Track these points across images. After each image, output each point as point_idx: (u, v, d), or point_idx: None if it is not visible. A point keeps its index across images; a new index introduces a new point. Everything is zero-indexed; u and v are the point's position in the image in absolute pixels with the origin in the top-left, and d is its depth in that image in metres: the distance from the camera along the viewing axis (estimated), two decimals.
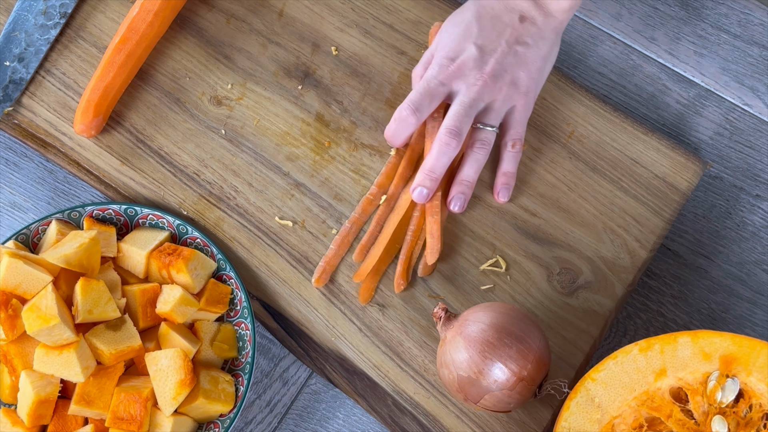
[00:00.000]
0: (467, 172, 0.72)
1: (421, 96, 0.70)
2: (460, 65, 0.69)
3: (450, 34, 0.71)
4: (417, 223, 0.73)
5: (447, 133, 0.69)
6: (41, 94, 0.77)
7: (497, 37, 0.69)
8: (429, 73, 0.70)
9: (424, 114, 0.71)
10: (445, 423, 0.70)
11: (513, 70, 0.70)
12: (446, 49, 0.70)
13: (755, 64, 0.81)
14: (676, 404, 0.63)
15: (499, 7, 0.70)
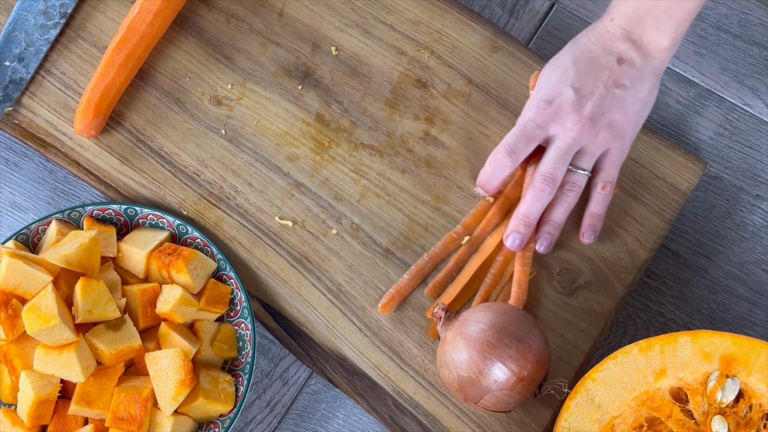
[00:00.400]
0: (556, 213, 0.71)
1: (518, 138, 0.69)
2: (557, 108, 0.68)
3: (547, 78, 0.70)
4: (499, 267, 0.72)
5: (542, 180, 0.68)
6: (41, 94, 0.77)
7: (595, 80, 0.68)
8: (525, 116, 0.69)
9: (520, 157, 0.69)
10: (445, 423, 0.70)
11: (610, 114, 0.68)
12: (543, 92, 0.69)
13: (755, 64, 0.81)
14: (676, 404, 0.63)
15: (596, 49, 0.69)
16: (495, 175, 0.70)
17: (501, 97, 0.77)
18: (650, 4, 0.67)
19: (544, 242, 0.71)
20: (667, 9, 0.67)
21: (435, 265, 0.73)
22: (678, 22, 0.67)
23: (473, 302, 0.71)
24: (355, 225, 0.74)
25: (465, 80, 0.78)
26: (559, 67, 0.70)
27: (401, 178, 0.75)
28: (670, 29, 0.68)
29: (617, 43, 0.69)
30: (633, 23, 0.68)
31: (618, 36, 0.69)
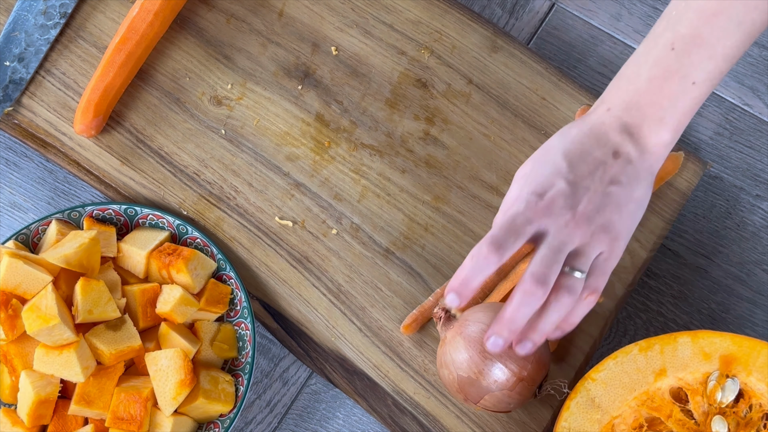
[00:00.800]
0: (546, 321, 0.59)
1: (506, 233, 0.58)
2: (550, 202, 0.59)
3: (536, 170, 0.61)
4: None
5: (533, 281, 0.58)
6: (41, 94, 0.77)
7: (590, 173, 0.60)
8: (514, 209, 0.59)
9: (507, 254, 0.58)
10: (445, 423, 0.70)
11: (606, 213, 0.60)
12: (533, 184, 0.60)
13: (755, 64, 0.81)
14: (676, 404, 0.63)
15: (589, 141, 0.61)
16: (476, 273, 0.58)
17: (501, 97, 0.77)
18: (652, 92, 0.60)
19: (525, 347, 0.60)
20: (671, 97, 0.59)
21: None
22: (682, 112, 0.60)
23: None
24: (355, 225, 0.74)
25: (465, 80, 0.78)
26: (548, 159, 0.61)
27: (401, 178, 0.75)
28: (673, 121, 0.60)
29: (613, 135, 0.60)
30: (632, 113, 0.60)
31: (614, 127, 0.61)
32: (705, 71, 0.59)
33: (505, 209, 0.61)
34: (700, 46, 0.58)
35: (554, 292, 0.59)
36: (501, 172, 0.75)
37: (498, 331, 0.59)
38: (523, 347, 0.60)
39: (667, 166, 0.74)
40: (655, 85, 0.60)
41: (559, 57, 0.82)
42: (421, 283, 0.73)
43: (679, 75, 0.59)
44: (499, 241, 0.58)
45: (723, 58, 0.58)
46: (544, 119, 0.76)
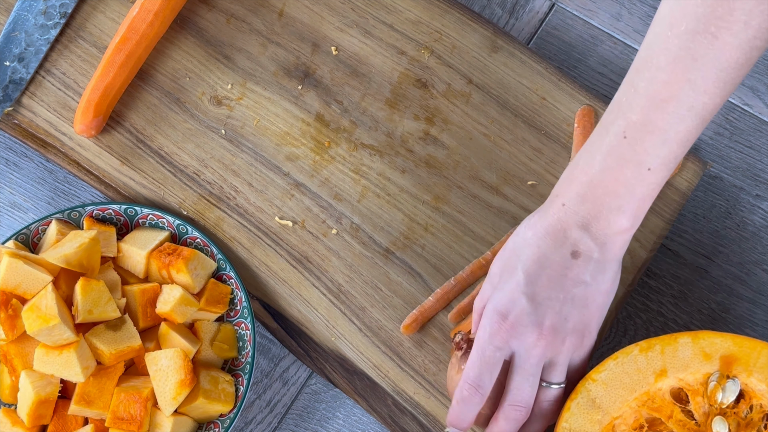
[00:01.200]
0: (531, 428, 0.63)
1: (480, 370, 0.60)
2: (514, 323, 0.59)
3: (501, 282, 0.61)
4: None
5: (513, 409, 0.61)
6: (41, 94, 0.77)
7: (550, 284, 0.59)
8: (482, 338, 0.60)
9: (487, 388, 0.60)
10: (445, 423, 0.70)
11: (573, 318, 0.60)
12: (496, 303, 0.60)
13: (755, 64, 0.81)
14: (676, 405, 0.63)
15: (546, 245, 0.59)
16: (466, 413, 0.61)
17: (501, 97, 0.77)
18: (607, 182, 0.58)
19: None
20: (627, 185, 0.57)
21: (461, 289, 0.72)
22: (640, 198, 0.58)
23: None
24: (355, 225, 0.74)
25: (465, 80, 0.78)
26: (510, 269, 0.60)
27: (401, 178, 0.75)
28: (631, 207, 0.58)
29: (571, 232, 0.59)
30: (588, 205, 0.58)
31: (571, 224, 0.59)
32: (659, 157, 0.57)
33: (476, 340, 0.61)
34: (653, 133, 0.56)
35: (537, 406, 0.62)
36: (501, 172, 0.75)
37: (448, 420, 0.63)
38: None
39: None
40: (610, 175, 0.58)
41: (559, 57, 0.82)
42: (421, 283, 0.73)
43: (634, 163, 0.57)
44: (477, 382, 0.60)
45: (677, 143, 0.56)
46: (544, 119, 0.76)
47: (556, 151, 0.76)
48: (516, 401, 0.60)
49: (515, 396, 0.60)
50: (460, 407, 0.61)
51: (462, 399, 0.61)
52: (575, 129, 0.76)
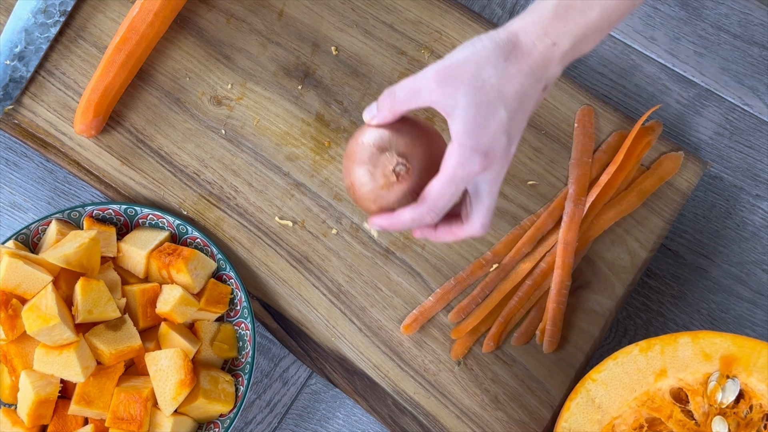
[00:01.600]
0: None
1: (450, 201, 0.60)
2: (491, 160, 0.59)
3: (484, 125, 0.59)
4: (526, 291, 0.72)
5: (483, 229, 0.61)
6: (41, 94, 0.77)
7: (524, 116, 0.60)
8: (458, 175, 0.59)
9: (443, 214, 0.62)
10: (445, 423, 0.70)
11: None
12: (475, 141, 0.59)
13: (755, 64, 0.81)
14: (676, 405, 0.63)
15: (528, 82, 0.59)
16: (412, 228, 0.62)
17: None
18: (597, 19, 0.59)
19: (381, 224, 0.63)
20: (610, 18, 0.59)
21: (461, 289, 0.73)
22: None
23: (495, 324, 0.71)
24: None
25: None
26: (492, 110, 0.59)
27: None
28: (601, 37, 0.60)
29: (552, 69, 0.59)
30: (579, 44, 0.59)
31: (556, 62, 0.59)
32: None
33: (452, 165, 0.59)
34: None
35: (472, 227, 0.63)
36: None
37: (383, 226, 0.62)
38: (376, 223, 0.62)
39: (667, 166, 0.74)
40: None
41: None
42: (421, 283, 0.73)
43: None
44: (441, 208, 0.60)
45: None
46: (544, 119, 0.76)
47: (556, 151, 0.76)
48: (486, 224, 0.61)
49: (484, 220, 0.61)
50: (413, 224, 0.61)
51: (419, 219, 0.61)
52: (575, 129, 0.76)
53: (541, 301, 0.72)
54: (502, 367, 0.71)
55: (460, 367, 0.71)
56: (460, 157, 0.59)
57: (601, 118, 0.76)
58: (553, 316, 0.71)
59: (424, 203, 0.60)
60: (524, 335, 0.72)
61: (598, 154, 0.75)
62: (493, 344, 0.71)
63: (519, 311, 0.72)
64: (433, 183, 0.60)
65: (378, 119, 0.61)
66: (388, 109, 0.61)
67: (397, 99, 0.60)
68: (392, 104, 0.60)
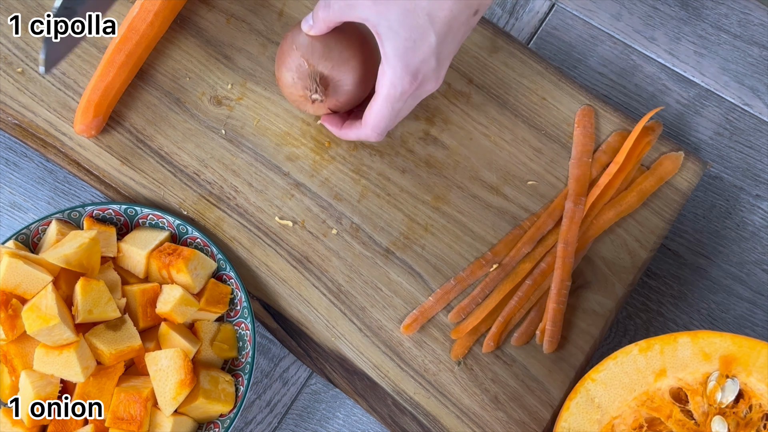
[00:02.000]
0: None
1: (389, 122, 0.66)
2: (422, 81, 0.64)
3: (414, 48, 0.62)
4: (526, 291, 0.72)
5: (373, 132, 0.68)
6: (41, 94, 0.77)
7: (452, 40, 0.63)
8: (392, 95, 0.64)
9: None
10: (445, 423, 0.70)
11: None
12: (406, 62, 0.62)
13: (755, 64, 0.81)
14: (676, 404, 0.63)
15: (457, 6, 0.61)
16: (352, 138, 0.71)
17: (501, 97, 0.77)
18: None
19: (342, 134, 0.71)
20: None
21: (461, 289, 0.73)
22: None
23: (495, 324, 0.71)
24: (355, 225, 0.74)
25: (465, 80, 0.78)
26: (418, 32, 0.61)
27: (401, 178, 0.75)
28: None
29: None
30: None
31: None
32: None
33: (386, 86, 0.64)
34: None
35: None
36: (501, 172, 0.75)
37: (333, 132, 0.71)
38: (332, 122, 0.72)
39: (667, 166, 0.74)
40: None
41: (559, 57, 0.82)
42: (421, 283, 0.73)
43: None
44: (383, 128, 0.66)
45: None
46: (544, 119, 0.76)
47: (556, 151, 0.76)
48: (398, 122, 0.67)
49: (397, 121, 0.67)
50: (358, 140, 0.70)
51: (364, 137, 0.68)
52: (575, 129, 0.76)
53: (541, 301, 0.72)
54: (502, 367, 0.71)
55: (460, 367, 0.71)
56: (392, 77, 0.63)
57: (601, 118, 0.76)
58: (553, 316, 0.71)
59: (367, 126, 0.66)
60: (524, 335, 0.72)
61: (598, 154, 0.75)
62: (493, 344, 0.71)
63: (519, 311, 0.72)
64: (372, 107, 0.65)
65: (314, 30, 0.65)
66: (323, 20, 0.64)
67: (331, 11, 0.63)
68: (326, 15, 0.64)
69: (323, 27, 0.65)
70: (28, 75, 0.77)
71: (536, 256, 0.73)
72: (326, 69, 0.67)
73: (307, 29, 0.66)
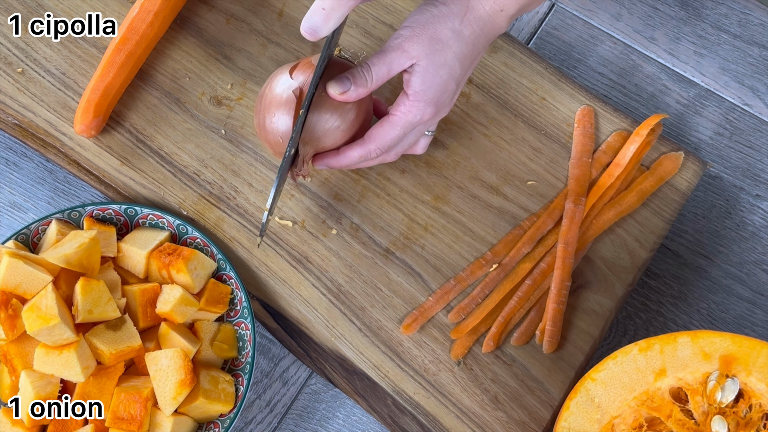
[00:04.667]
0: (388, 158, 0.70)
1: (396, 141, 0.66)
2: (440, 108, 0.66)
3: (436, 75, 0.64)
4: (526, 291, 0.72)
5: (397, 154, 0.68)
6: (41, 94, 0.77)
7: (470, 66, 0.66)
8: (409, 121, 0.65)
9: None
10: (445, 423, 0.70)
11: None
12: (433, 92, 0.64)
13: (755, 64, 0.81)
14: (675, 404, 0.63)
15: (480, 42, 0.65)
16: (360, 165, 0.68)
17: (501, 97, 0.77)
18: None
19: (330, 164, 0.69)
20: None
21: (461, 289, 0.73)
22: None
23: (495, 324, 0.71)
24: (355, 225, 0.74)
25: None
26: (446, 62, 0.64)
27: (401, 178, 0.75)
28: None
29: (499, 29, 0.66)
30: (524, 8, 0.66)
31: (503, 22, 0.65)
32: None
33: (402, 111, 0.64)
34: None
35: (413, 149, 0.71)
36: (501, 172, 0.75)
37: (331, 165, 0.68)
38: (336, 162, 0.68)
39: (667, 166, 0.74)
40: None
41: (559, 57, 0.82)
42: (421, 283, 0.73)
43: None
44: (388, 147, 0.66)
45: None
46: (544, 119, 0.76)
47: (556, 151, 0.76)
48: (401, 151, 0.68)
49: (403, 149, 0.68)
50: (360, 161, 0.67)
51: (366, 156, 0.66)
52: (575, 129, 0.76)
53: (541, 301, 0.72)
54: (502, 367, 0.71)
55: (460, 367, 0.71)
56: (412, 106, 0.64)
57: (601, 118, 0.76)
58: (553, 316, 0.71)
59: (372, 142, 0.65)
60: (524, 335, 0.72)
61: (597, 154, 0.75)
62: (493, 344, 0.71)
63: (519, 311, 0.72)
64: (382, 124, 0.65)
65: (355, 95, 0.63)
66: (364, 89, 0.64)
67: (375, 77, 0.63)
68: (370, 81, 0.64)
69: (363, 93, 0.64)
70: (28, 75, 0.77)
71: (536, 256, 0.73)
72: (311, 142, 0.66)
73: (340, 94, 0.63)
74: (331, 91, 0.63)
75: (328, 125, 0.65)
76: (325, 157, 0.67)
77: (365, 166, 0.70)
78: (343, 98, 0.63)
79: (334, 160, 0.67)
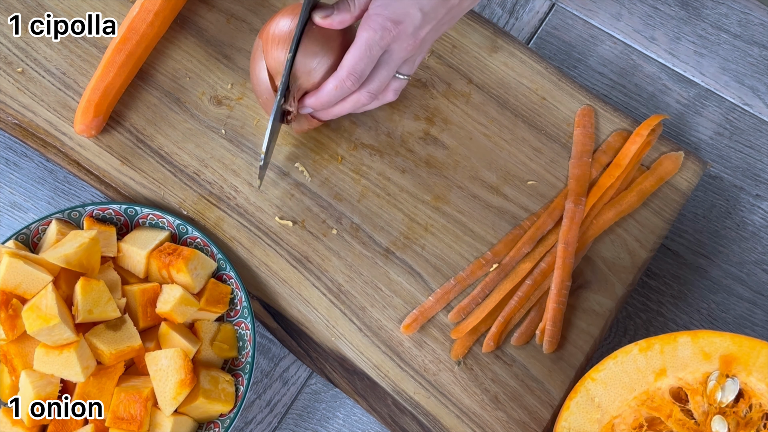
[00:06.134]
0: (368, 108, 0.72)
1: (365, 63, 0.66)
2: (402, 30, 0.65)
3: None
4: (526, 291, 0.72)
5: (369, 95, 0.68)
6: (41, 94, 0.77)
7: (442, 4, 0.66)
8: (371, 38, 0.65)
9: (363, 79, 0.68)
10: (445, 423, 0.70)
11: (441, 31, 0.69)
12: (392, 11, 0.65)
13: (755, 64, 0.81)
14: (676, 404, 0.63)
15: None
16: (337, 98, 0.68)
17: (501, 97, 0.77)
18: None
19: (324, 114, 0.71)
20: None
21: (461, 289, 0.73)
22: None
23: (495, 324, 0.71)
24: (355, 225, 0.74)
25: (465, 80, 0.78)
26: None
27: (401, 178, 0.75)
28: None
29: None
30: None
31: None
32: None
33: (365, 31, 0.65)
34: None
35: (384, 93, 0.71)
36: (501, 172, 0.75)
37: (312, 104, 0.69)
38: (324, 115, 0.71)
39: (667, 166, 0.74)
40: None
41: (559, 57, 0.82)
42: (421, 283, 0.73)
43: None
44: (359, 73, 0.66)
45: None
46: (544, 119, 0.76)
47: (556, 151, 0.76)
48: (373, 89, 0.68)
49: (374, 85, 0.68)
50: (336, 92, 0.68)
51: (341, 86, 0.67)
52: (575, 129, 0.76)
53: (541, 301, 0.72)
54: (502, 367, 0.71)
55: (460, 367, 0.71)
56: (373, 23, 0.65)
57: (601, 117, 0.76)
58: (553, 316, 0.71)
59: (343, 69, 0.66)
60: (524, 335, 0.72)
61: (597, 154, 0.75)
62: (493, 344, 0.71)
63: (519, 311, 0.72)
64: (349, 51, 0.66)
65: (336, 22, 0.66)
66: (348, 14, 0.66)
67: (357, 3, 0.66)
68: (353, 7, 0.66)
69: (356, 14, 0.66)
70: (28, 75, 0.77)
71: (536, 256, 0.73)
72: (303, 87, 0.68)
73: (326, 21, 0.66)
74: (317, 18, 0.66)
75: (315, 62, 0.67)
76: (308, 98, 0.69)
77: (361, 110, 0.72)
78: (327, 23, 0.66)
79: (314, 98, 0.69)
